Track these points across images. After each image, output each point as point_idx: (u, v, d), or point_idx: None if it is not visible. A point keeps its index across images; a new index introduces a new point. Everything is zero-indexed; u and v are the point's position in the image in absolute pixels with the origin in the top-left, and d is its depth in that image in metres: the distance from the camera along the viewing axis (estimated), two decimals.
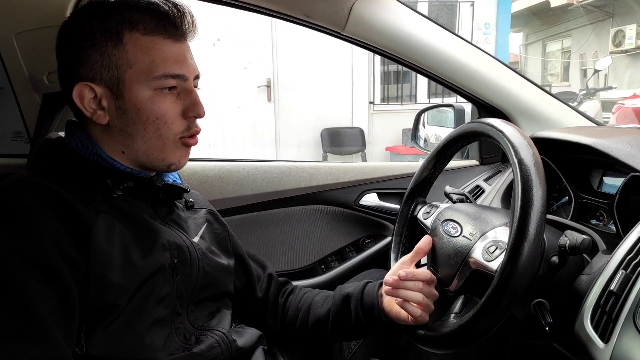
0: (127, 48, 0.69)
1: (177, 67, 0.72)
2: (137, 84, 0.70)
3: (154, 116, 0.71)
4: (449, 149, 0.97)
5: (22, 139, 1.13)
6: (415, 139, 1.71)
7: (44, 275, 0.60)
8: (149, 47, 0.70)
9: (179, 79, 0.72)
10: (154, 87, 0.70)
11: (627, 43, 9.82)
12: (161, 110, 0.71)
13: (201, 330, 0.77)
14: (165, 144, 0.73)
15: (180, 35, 0.73)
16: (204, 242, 0.85)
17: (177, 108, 0.73)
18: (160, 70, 0.70)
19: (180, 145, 0.75)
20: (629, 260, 0.71)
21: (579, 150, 1.01)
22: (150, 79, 0.70)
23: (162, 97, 0.71)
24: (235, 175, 1.32)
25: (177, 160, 0.76)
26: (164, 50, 0.71)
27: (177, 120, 0.73)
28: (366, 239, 1.42)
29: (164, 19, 0.71)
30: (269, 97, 5.53)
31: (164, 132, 0.72)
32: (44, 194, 0.64)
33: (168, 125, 0.72)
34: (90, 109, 0.71)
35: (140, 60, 0.69)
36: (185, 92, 0.74)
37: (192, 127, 0.75)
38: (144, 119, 0.71)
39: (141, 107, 0.70)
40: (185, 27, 0.74)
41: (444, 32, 1.26)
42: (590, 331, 0.70)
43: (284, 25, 1.72)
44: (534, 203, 0.67)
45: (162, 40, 0.71)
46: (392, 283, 0.81)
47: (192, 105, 0.74)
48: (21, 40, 0.97)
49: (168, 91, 0.72)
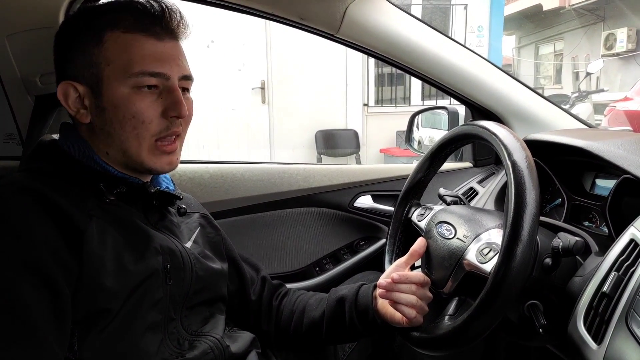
0: (107, 46, 0.70)
1: (157, 65, 0.70)
2: (115, 82, 0.70)
3: (130, 114, 0.70)
4: (442, 151, 0.97)
5: (14, 141, 1.12)
6: (409, 141, 1.72)
7: (37, 279, 0.59)
8: (128, 45, 0.70)
9: (160, 77, 0.71)
10: (131, 85, 0.70)
11: (618, 46, 9.93)
12: (137, 108, 0.70)
13: (195, 335, 0.76)
14: (141, 145, 0.72)
15: (164, 34, 0.72)
16: (196, 247, 0.84)
17: (156, 107, 0.71)
18: (136, 68, 0.69)
19: (157, 152, 0.73)
20: (621, 262, 0.71)
21: (572, 152, 1.02)
22: (127, 76, 0.69)
23: (140, 96, 0.70)
24: (229, 177, 1.32)
25: (158, 167, 0.74)
26: (144, 48, 0.70)
27: (155, 120, 0.71)
28: (360, 241, 1.42)
29: (146, 17, 0.71)
30: (263, 99, 5.52)
31: (140, 131, 0.71)
32: (37, 197, 0.63)
33: (145, 124, 0.71)
34: (75, 108, 0.72)
35: (118, 57, 0.69)
36: (167, 92, 0.72)
37: (172, 127, 0.73)
38: (120, 117, 0.70)
39: (118, 105, 0.70)
40: (171, 26, 0.73)
41: (438, 35, 1.27)
42: (583, 332, 0.70)
43: (278, 27, 1.72)
44: (527, 205, 0.68)
45: (143, 38, 0.70)
46: (385, 286, 0.81)
47: (172, 105, 0.71)
48: (13, 41, 0.96)
49: (148, 90, 0.71)
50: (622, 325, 0.65)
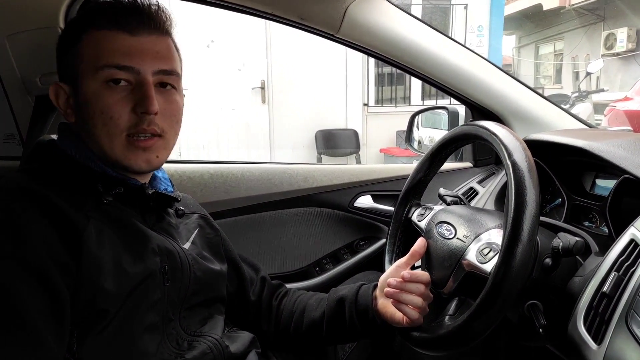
0: (82, 44, 0.71)
1: (126, 59, 0.69)
2: (86, 78, 0.70)
3: (99, 110, 0.69)
4: (443, 151, 0.97)
5: (14, 141, 1.12)
6: (409, 141, 1.72)
7: (36, 280, 0.59)
8: (99, 41, 0.70)
9: (128, 71, 0.70)
10: (101, 80, 0.69)
11: (618, 46, 9.92)
12: (104, 103, 0.69)
13: (193, 336, 0.76)
14: (112, 142, 0.70)
15: (139, 29, 0.71)
16: (195, 248, 0.84)
17: (127, 103, 0.70)
18: (103, 61, 0.69)
19: (130, 147, 0.71)
20: (621, 262, 0.71)
21: (572, 152, 1.02)
22: (96, 70, 0.69)
23: (108, 91, 0.69)
24: (229, 177, 1.32)
25: (133, 164, 0.72)
26: (114, 42, 0.70)
27: (124, 116, 0.69)
28: (360, 241, 1.42)
29: (119, 13, 0.71)
30: (263, 99, 5.52)
31: (110, 127, 0.69)
32: (35, 198, 0.63)
33: (114, 120, 0.69)
34: (64, 108, 0.74)
35: (89, 54, 0.70)
36: (138, 86, 0.70)
37: (141, 124, 0.70)
38: (91, 113, 0.70)
39: (89, 101, 0.70)
40: (146, 20, 0.72)
41: (438, 34, 1.27)
42: (583, 333, 0.70)
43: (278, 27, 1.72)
44: (527, 205, 0.68)
45: (113, 33, 0.70)
46: (396, 285, 0.81)
47: (141, 100, 0.69)
48: (13, 42, 0.96)
49: (117, 85, 0.69)
50: (622, 326, 0.65)
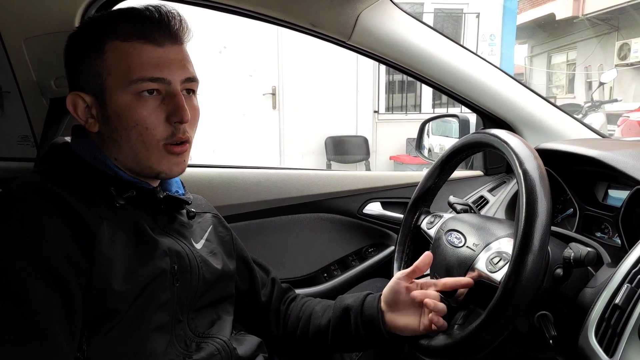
0: (107, 56, 0.70)
1: (157, 70, 0.70)
2: (116, 91, 0.70)
3: (134, 122, 0.70)
4: (453, 159, 0.96)
5: (28, 142, 1.14)
6: (419, 149, 1.71)
7: (49, 279, 0.60)
8: (126, 53, 0.70)
9: (160, 82, 0.71)
10: (133, 92, 0.70)
11: (632, 56, 9.82)
12: (140, 115, 0.70)
13: (202, 337, 0.77)
14: (149, 151, 0.72)
15: (163, 39, 0.72)
16: (210, 244, 0.85)
17: (160, 113, 0.71)
18: (135, 75, 0.70)
19: (166, 153, 0.73)
20: (634, 274, 0.70)
21: (584, 162, 1.01)
22: (128, 83, 0.70)
23: (142, 102, 0.70)
24: (239, 182, 1.32)
25: (166, 169, 0.74)
26: (142, 55, 0.70)
27: (160, 126, 0.71)
28: (369, 248, 1.41)
29: (144, 24, 0.71)
30: (273, 105, 5.56)
31: (146, 138, 0.71)
32: (50, 198, 0.64)
33: (150, 130, 0.71)
34: (84, 118, 0.74)
35: (118, 66, 0.70)
36: (169, 97, 0.72)
37: (177, 133, 0.72)
38: (124, 125, 0.71)
39: (121, 113, 0.70)
40: (171, 31, 0.73)
41: (449, 42, 1.27)
42: (594, 345, 0.69)
43: (290, 33, 1.73)
44: (538, 215, 0.67)
45: (141, 45, 0.71)
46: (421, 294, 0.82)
47: (174, 110, 0.71)
48: (30, 45, 0.97)
49: (149, 95, 0.71)
50: (634, 338, 0.64)
